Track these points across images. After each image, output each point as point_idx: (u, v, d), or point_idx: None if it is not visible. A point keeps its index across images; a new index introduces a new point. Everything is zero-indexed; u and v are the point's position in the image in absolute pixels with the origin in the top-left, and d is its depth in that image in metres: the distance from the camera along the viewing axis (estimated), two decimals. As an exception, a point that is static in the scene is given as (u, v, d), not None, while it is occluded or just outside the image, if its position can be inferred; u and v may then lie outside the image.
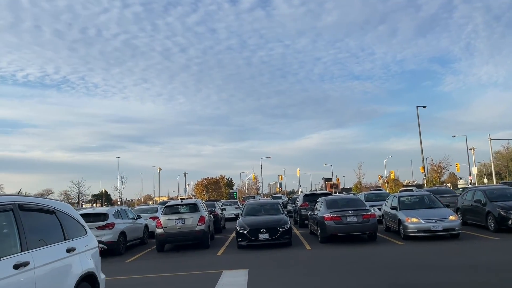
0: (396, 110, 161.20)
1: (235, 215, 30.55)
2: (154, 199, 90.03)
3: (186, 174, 78.69)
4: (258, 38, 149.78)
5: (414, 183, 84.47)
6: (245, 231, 14.67)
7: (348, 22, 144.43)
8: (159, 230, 15.43)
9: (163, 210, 16.59)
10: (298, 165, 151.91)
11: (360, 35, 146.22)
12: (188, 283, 9.91)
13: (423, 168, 52.47)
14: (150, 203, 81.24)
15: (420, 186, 57.80)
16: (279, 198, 50.24)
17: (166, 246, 16.11)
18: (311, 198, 21.71)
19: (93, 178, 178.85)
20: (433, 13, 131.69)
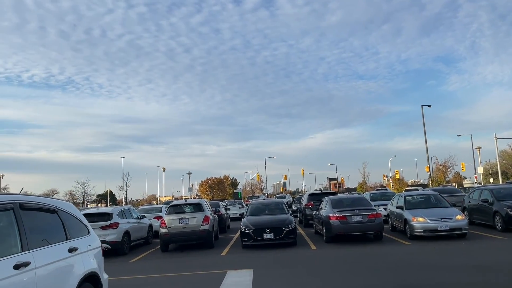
0: (401, 109, 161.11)
1: (240, 214, 30.52)
2: (158, 199, 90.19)
3: (190, 174, 78.57)
4: (262, 38, 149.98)
5: (419, 183, 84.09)
6: (249, 231, 14.57)
7: (352, 22, 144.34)
8: (163, 230, 15.36)
9: (167, 210, 16.51)
10: (302, 164, 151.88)
11: (364, 35, 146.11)
12: (192, 283, 9.82)
13: (428, 167, 52.16)
14: (154, 203, 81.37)
15: (425, 186, 57.49)
16: (283, 197, 50.13)
17: (170, 246, 16.04)
18: (316, 198, 21.59)
19: (98, 178, 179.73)
20: (437, 12, 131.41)
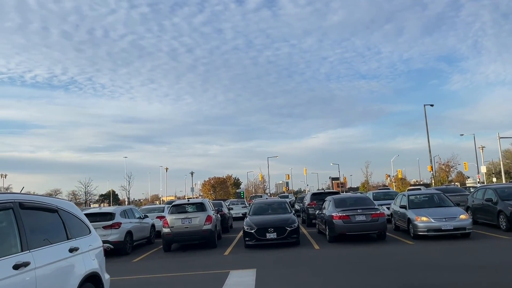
0: (403, 109, 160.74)
1: (242, 214, 30.46)
2: (161, 199, 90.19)
3: (193, 173, 78.79)
4: (265, 38, 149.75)
5: (421, 182, 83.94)
6: (252, 231, 14.51)
7: (354, 21, 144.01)
8: (165, 230, 15.31)
9: (169, 209, 16.46)
10: (305, 164, 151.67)
11: (366, 34, 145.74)
12: (195, 283, 9.76)
13: (431, 167, 52.04)
14: (157, 202, 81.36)
15: (427, 185, 57.42)
16: (286, 197, 50.08)
17: (173, 246, 15.99)
18: (318, 197, 21.50)
19: (100, 178, 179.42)
20: (439, 11, 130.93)
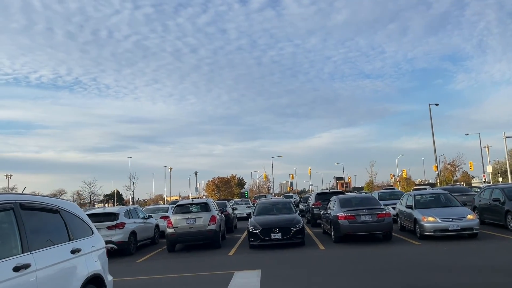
0: (407, 108, 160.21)
1: (247, 214, 30.35)
2: (165, 199, 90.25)
3: (197, 173, 78.70)
4: (268, 38, 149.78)
5: (426, 182, 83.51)
6: (257, 231, 14.39)
7: (358, 21, 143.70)
8: (169, 230, 15.22)
9: (173, 209, 16.37)
10: (309, 164, 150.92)
11: (370, 34, 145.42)
12: (199, 284, 9.67)
13: (436, 166, 51.73)
14: (161, 202, 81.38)
15: (433, 185, 56.99)
16: (290, 197, 49.94)
17: (177, 246, 15.91)
18: (323, 197, 21.38)
19: (105, 178, 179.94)
20: (444, 10, 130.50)
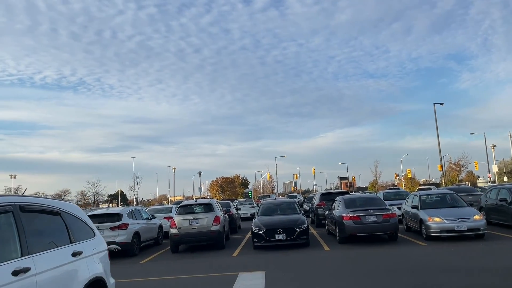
0: (412, 108, 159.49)
1: (251, 214, 30.23)
2: (169, 199, 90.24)
3: (200, 173, 78.45)
4: (272, 38, 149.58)
5: (431, 182, 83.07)
6: (261, 232, 14.27)
7: (362, 20, 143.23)
8: (173, 231, 15.12)
9: (177, 210, 16.29)
10: (313, 164, 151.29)
11: (374, 33, 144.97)
12: (203, 286, 9.58)
13: (441, 166, 51.45)
14: (165, 203, 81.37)
15: (437, 185, 56.69)
16: (295, 197, 49.79)
17: (180, 247, 15.81)
18: (328, 197, 21.25)
19: (109, 179, 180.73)
20: (448, 9, 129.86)
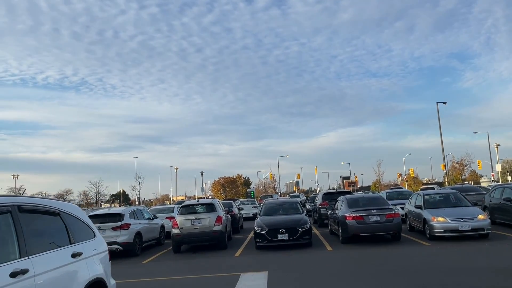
0: (414, 107, 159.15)
1: (253, 214, 30.18)
2: (171, 199, 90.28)
3: (203, 173, 78.36)
4: (274, 37, 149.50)
5: (433, 181, 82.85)
6: (263, 232, 14.20)
7: (365, 19, 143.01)
8: (175, 231, 15.06)
9: (179, 210, 16.21)
10: (315, 163, 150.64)
11: (376, 32, 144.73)
12: (205, 286, 9.52)
13: (444, 165, 51.30)
14: (167, 202, 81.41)
15: (440, 184, 56.52)
16: (297, 196, 49.70)
17: (182, 247, 15.74)
18: (330, 197, 21.14)
19: (111, 179, 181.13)
20: (451, 8, 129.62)
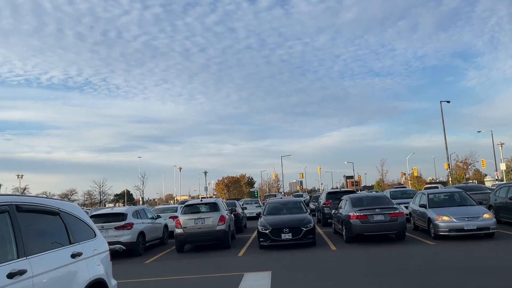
0: (418, 106, 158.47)
1: (256, 214, 30.11)
2: (175, 198, 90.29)
3: (206, 173, 78.53)
4: (277, 37, 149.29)
5: (437, 180, 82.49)
6: (267, 231, 14.11)
7: (368, 18, 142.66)
8: (178, 230, 14.99)
9: (182, 209, 16.15)
10: (319, 163, 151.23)
11: (380, 31, 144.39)
12: (208, 286, 9.44)
13: (448, 164, 51.02)
14: (171, 202, 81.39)
15: (444, 184, 56.22)
16: (300, 196, 49.56)
17: (186, 247, 15.68)
18: (334, 196, 21.09)
19: (115, 178, 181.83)
20: (454, 6, 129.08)
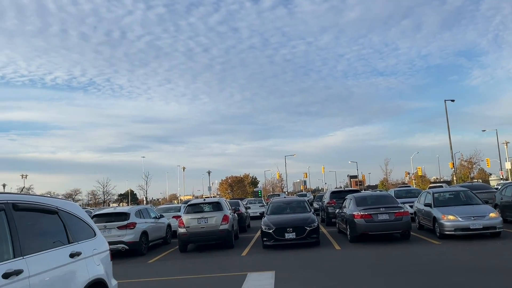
0: (422, 105, 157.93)
1: (260, 213, 30.02)
2: (179, 198, 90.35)
3: (210, 172, 78.53)
4: (281, 36, 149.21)
5: (442, 180, 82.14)
6: (270, 230, 14.00)
7: (371, 18, 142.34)
8: (181, 230, 14.91)
9: (185, 209, 16.07)
10: (322, 162, 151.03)
11: (383, 30, 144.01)
12: (211, 286, 9.33)
13: (452, 163, 50.80)
14: (175, 202, 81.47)
15: (449, 183, 55.93)
16: (304, 195, 49.43)
17: (189, 246, 15.60)
18: (338, 196, 20.96)
19: (119, 178, 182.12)
20: (459, 5, 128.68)
